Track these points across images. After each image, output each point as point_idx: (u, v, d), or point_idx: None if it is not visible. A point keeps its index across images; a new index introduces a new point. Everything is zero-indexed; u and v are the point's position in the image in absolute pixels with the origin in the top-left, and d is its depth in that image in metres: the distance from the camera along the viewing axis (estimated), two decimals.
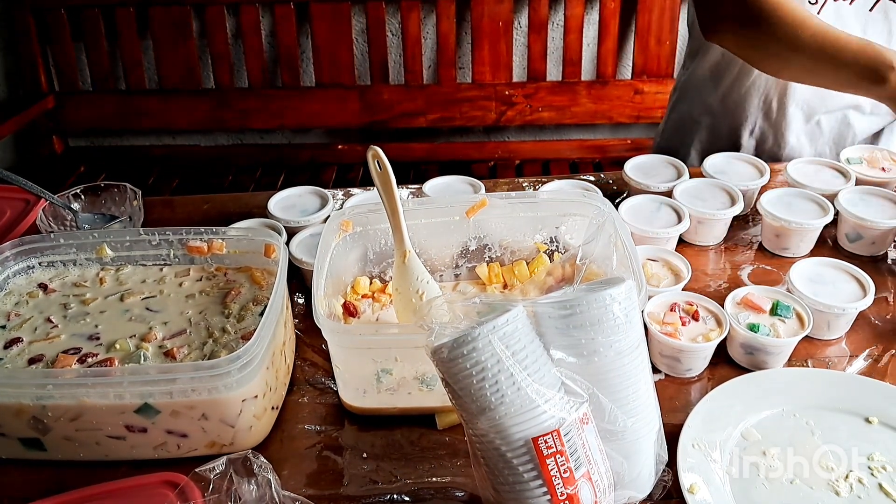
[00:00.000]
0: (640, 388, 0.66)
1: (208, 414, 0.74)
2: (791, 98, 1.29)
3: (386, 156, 0.82)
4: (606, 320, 0.63)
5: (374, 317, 0.93)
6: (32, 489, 0.74)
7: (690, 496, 0.70)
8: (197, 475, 0.67)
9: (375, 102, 2.43)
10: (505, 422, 0.60)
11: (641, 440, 0.67)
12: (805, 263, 0.97)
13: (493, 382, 0.59)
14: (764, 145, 1.36)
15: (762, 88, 1.31)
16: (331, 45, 2.36)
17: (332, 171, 2.46)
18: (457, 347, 0.60)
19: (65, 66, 2.42)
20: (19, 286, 0.91)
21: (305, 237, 1.05)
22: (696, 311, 0.88)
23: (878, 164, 1.22)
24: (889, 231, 1.06)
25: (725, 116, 1.36)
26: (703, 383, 0.87)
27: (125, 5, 2.33)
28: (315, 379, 0.89)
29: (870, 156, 1.24)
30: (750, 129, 1.35)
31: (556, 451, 0.59)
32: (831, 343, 0.93)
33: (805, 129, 1.33)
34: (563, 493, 0.60)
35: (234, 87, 2.43)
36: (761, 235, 1.12)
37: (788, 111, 1.31)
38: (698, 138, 1.42)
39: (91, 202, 1.13)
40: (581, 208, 0.95)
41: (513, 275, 0.96)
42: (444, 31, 2.35)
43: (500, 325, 0.60)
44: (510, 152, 2.54)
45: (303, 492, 0.73)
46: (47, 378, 0.74)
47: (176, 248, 0.93)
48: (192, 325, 0.84)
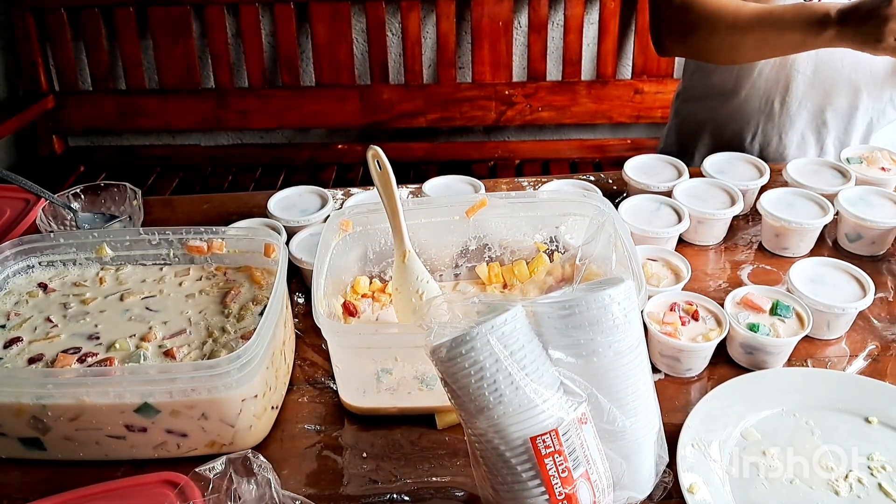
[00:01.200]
0: (639, 389, 0.66)
1: (208, 413, 0.74)
2: (793, 97, 1.29)
3: (386, 156, 0.82)
4: (605, 320, 0.63)
5: (374, 317, 0.94)
6: (32, 489, 0.74)
7: (690, 496, 0.70)
8: (197, 475, 0.67)
9: (375, 102, 2.43)
10: (503, 421, 0.60)
11: (641, 441, 0.67)
12: (805, 263, 0.97)
13: (492, 382, 0.60)
14: (768, 148, 1.36)
15: (762, 89, 1.31)
16: (331, 45, 2.36)
17: (332, 170, 2.46)
18: (455, 347, 0.60)
19: (65, 66, 2.42)
20: (19, 286, 0.91)
21: (305, 237, 1.05)
22: (695, 311, 0.88)
23: (878, 163, 1.22)
24: (889, 231, 1.06)
25: (728, 120, 1.37)
26: (702, 383, 0.87)
27: (125, 5, 2.33)
28: (315, 379, 0.89)
29: (869, 155, 1.24)
30: (752, 132, 1.35)
31: (554, 450, 0.59)
32: (831, 343, 0.93)
33: (812, 126, 1.33)
34: (562, 493, 0.60)
35: (234, 87, 2.43)
36: (761, 235, 1.12)
37: (791, 111, 1.31)
38: (702, 143, 1.42)
39: (91, 202, 1.13)
40: (581, 208, 0.95)
41: (513, 275, 0.96)
42: (444, 31, 2.35)
43: (499, 324, 0.61)
44: (510, 152, 2.54)
45: (302, 491, 0.73)
46: (47, 377, 0.74)
47: (176, 248, 0.93)
48: (191, 325, 0.84)
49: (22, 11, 2.34)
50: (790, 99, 1.30)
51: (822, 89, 1.28)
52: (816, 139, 1.35)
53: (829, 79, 1.28)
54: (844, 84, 1.28)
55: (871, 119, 1.34)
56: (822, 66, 1.26)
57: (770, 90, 1.30)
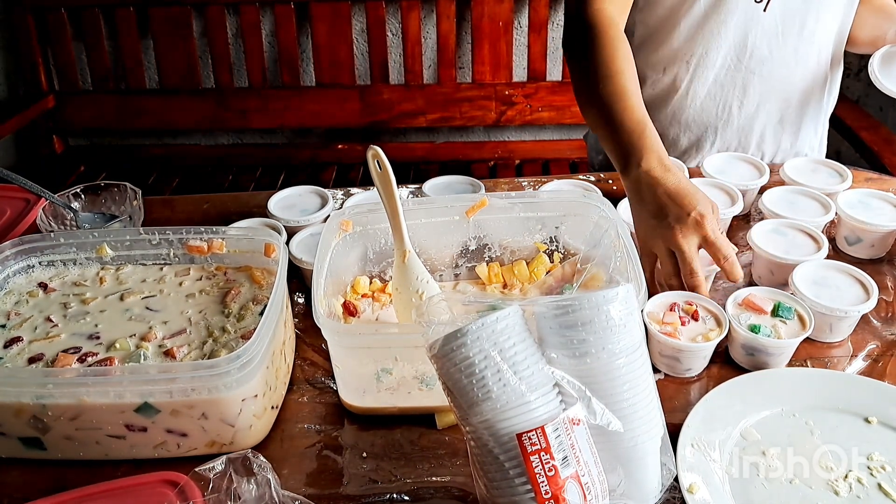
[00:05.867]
0: (638, 393, 0.66)
1: (208, 413, 0.74)
2: (753, 93, 1.28)
3: (386, 156, 0.82)
4: (598, 321, 0.63)
5: (374, 316, 0.94)
6: (32, 489, 0.74)
7: (690, 496, 0.70)
8: (197, 474, 0.67)
9: (375, 102, 2.43)
10: (491, 417, 0.61)
11: (641, 447, 0.66)
12: (808, 265, 0.96)
13: (481, 378, 0.61)
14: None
15: (719, 96, 1.29)
16: (331, 45, 2.36)
17: (332, 170, 2.46)
18: (447, 343, 0.62)
19: (65, 65, 2.42)
20: (19, 285, 0.91)
21: (305, 237, 1.06)
22: (695, 311, 0.88)
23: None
24: (889, 234, 1.06)
25: (685, 130, 1.35)
26: (702, 383, 0.87)
27: (125, 5, 2.33)
28: (315, 378, 0.89)
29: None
30: (711, 140, 1.34)
31: (540, 448, 0.60)
32: (833, 346, 0.92)
33: (776, 123, 1.32)
34: (548, 492, 0.59)
35: (234, 87, 2.43)
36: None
37: (756, 109, 1.29)
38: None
39: (91, 202, 1.13)
40: (581, 208, 0.95)
41: (512, 274, 0.96)
42: (444, 31, 2.35)
43: (490, 322, 0.62)
44: (510, 152, 2.54)
45: (302, 491, 0.73)
46: (47, 377, 0.74)
47: (176, 248, 0.93)
48: (191, 325, 0.84)
49: (22, 11, 2.34)
50: (748, 98, 1.28)
51: (791, 79, 1.27)
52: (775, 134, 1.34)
53: (784, 79, 1.27)
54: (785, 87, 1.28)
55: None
56: (775, 68, 1.25)
57: (727, 94, 1.28)
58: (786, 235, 1.03)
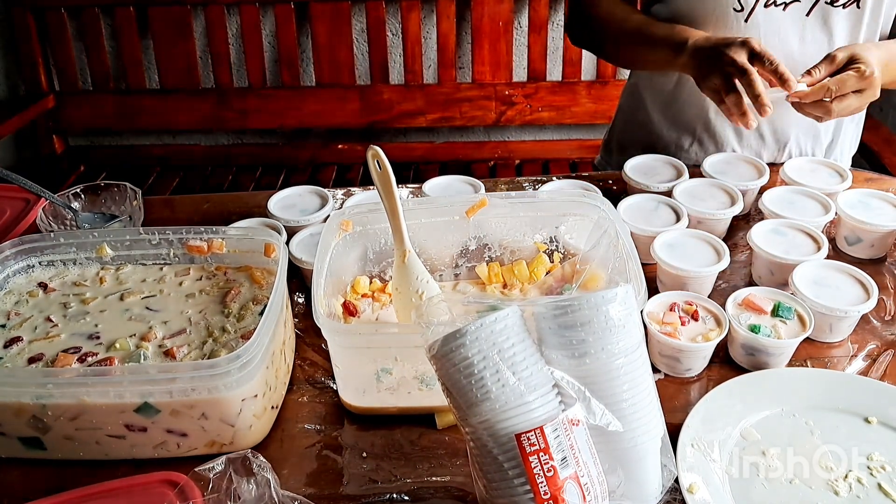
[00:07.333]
0: (637, 393, 0.65)
1: (208, 413, 0.74)
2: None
3: (386, 155, 0.82)
4: (597, 321, 0.63)
5: (374, 316, 0.94)
6: (32, 488, 0.74)
7: (690, 496, 0.70)
8: (196, 474, 0.67)
9: (375, 102, 2.43)
10: (490, 418, 0.61)
11: (640, 447, 0.66)
12: (808, 265, 0.96)
13: (479, 378, 0.61)
14: (705, 154, 1.31)
15: (697, 100, 1.29)
16: (331, 45, 2.36)
17: (332, 170, 2.46)
18: (446, 343, 0.62)
19: (65, 65, 2.42)
20: (19, 285, 0.91)
21: (305, 237, 1.06)
22: (695, 311, 0.89)
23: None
24: (888, 234, 1.06)
25: (666, 127, 1.35)
26: (702, 383, 0.87)
27: (125, 5, 2.33)
28: (315, 378, 0.89)
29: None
30: (689, 140, 1.34)
31: (539, 448, 0.60)
32: (834, 346, 0.92)
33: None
34: (547, 493, 0.59)
35: (234, 87, 2.43)
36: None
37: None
38: (642, 145, 1.39)
39: (91, 201, 1.13)
40: (581, 208, 0.95)
41: (512, 274, 0.96)
42: (444, 31, 2.35)
43: (489, 323, 0.62)
44: (510, 152, 2.54)
45: (302, 491, 0.73)
46: (47, 377, 0.74)
47: (176, 248, 0.93)
48: (191, 325, 0.84)
49: (22, 11, 2.34)
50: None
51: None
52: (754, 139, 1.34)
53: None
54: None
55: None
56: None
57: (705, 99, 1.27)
58: (786, 235, 1.03)
